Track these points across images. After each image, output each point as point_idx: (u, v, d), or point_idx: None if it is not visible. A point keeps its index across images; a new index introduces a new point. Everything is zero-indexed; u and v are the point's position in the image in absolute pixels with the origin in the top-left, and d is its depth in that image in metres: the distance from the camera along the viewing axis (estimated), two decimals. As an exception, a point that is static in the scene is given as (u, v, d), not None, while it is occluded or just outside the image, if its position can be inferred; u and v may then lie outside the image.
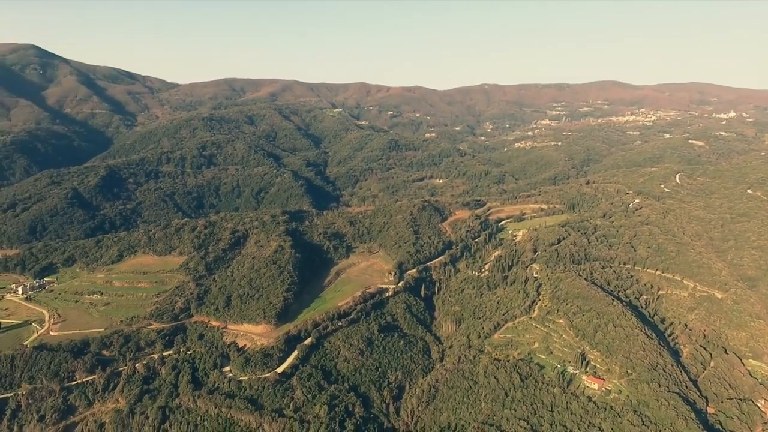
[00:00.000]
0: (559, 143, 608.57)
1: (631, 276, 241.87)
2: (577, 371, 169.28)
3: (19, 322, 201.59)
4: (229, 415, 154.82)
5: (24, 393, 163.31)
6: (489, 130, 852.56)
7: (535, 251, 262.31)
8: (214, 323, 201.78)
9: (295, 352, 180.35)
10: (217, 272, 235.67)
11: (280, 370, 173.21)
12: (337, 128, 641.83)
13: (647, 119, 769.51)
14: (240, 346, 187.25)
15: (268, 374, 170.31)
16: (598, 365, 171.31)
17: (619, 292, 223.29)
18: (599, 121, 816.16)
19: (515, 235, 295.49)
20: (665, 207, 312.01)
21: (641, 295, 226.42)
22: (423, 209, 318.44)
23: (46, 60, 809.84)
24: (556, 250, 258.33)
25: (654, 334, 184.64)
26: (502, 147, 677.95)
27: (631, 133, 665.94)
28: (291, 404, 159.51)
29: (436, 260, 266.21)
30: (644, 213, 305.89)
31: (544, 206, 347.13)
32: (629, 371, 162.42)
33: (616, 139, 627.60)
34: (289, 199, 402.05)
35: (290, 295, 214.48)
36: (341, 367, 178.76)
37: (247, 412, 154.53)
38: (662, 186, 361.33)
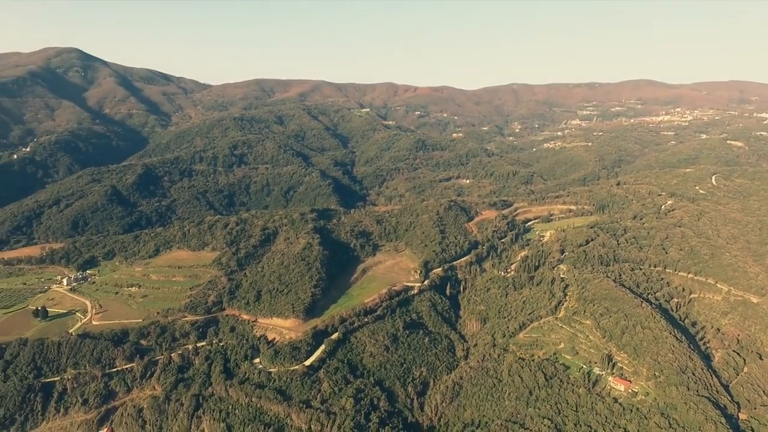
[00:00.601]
0: (590, 144, 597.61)
1: (662, 279, 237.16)
2: (603, 372, 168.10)
3: (65, 311, 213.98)
4: (258, 405, 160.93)
5: (69, 377, 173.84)
6: (517, 131, 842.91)
7: (562, 252, 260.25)
8: (245, 317, 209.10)
9: (323, 346, 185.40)
10: (247, 268, 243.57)
11: (308, 363, 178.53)
12: (365, 128, 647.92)
13: (683, 119, 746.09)
14: (269, 339, 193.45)
15: (297, 367, 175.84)
16: (624, 367, 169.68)
17: (648, 294, 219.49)
18: (632, 121, 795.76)
19: (542, 236, 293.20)
20: (699, 209, 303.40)
21: (672, 299, 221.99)
22: (449, 209, 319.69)
23: (87, 63, 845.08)
24: (584, 251, 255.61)
25: (684, 338, 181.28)
26: (531, 147, 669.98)
27: (666, 133, 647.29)
28: (318, 396, 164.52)
29: (462, 260, 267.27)
30: (677, 215, 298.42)
31: (573, 207, 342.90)
32: (657, 374, 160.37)
33: (649, 140, 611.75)
34: (317, 198, 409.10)
35: (318, 290, 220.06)
36: (367, 362, 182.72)
37: (276, 402, 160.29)
38: (697, 187, 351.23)
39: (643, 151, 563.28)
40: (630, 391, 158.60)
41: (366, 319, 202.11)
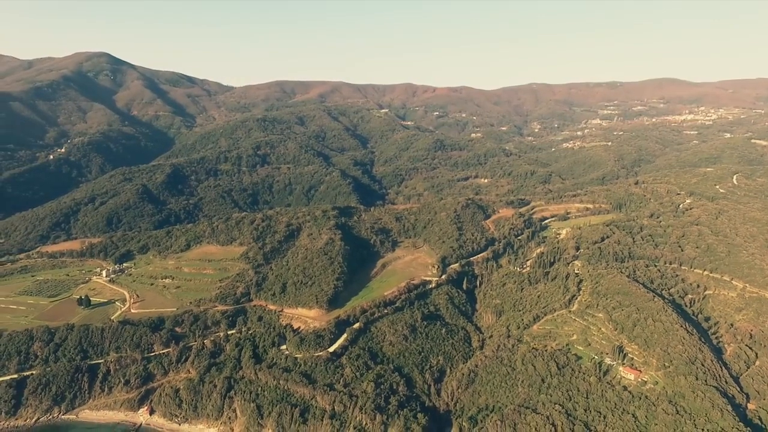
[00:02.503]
0: (609, 143, 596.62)
1: (677, 275, 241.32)
2: (614, 362, 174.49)
3: (105, 300, 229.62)
4: (286, 387, 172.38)
5: (112, 360, 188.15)
6: (537, 130, 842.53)
7: (577, 249, 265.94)
8: (272, 307, 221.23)
9: (345, 335, 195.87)
10: (273, 261, 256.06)
11: (331, 349, 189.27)
12: (384, 128, 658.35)
13: (707, 118, 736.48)
14: (295, 327, 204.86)
15: (321, 353, 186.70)
16: (635, 357, 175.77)
17: (662, 290, 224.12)
18: (654, 120, 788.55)
19: (558, 234, 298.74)
20: (718, 208, 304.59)
21: (686, 295, 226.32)
22: (467, 207, 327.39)
23: (116, 66, 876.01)
24: (599, 248, 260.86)
25: (695, 331, 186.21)
26: (550, 147, 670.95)
27: (688, 132, 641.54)
28: (341, 380, 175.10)
29: (479, 256, 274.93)
30: (695, 213, 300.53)
31: (590, 206, 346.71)
32: (666, 364, 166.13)
33: (670, 139, 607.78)
34: (337, 197, 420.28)
35: (340, 283, 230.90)
36: (386, 350, 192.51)
37: (301, 385, 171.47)
38: (717, 187, 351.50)
39: (664, 150, 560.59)
40: (640, 380, 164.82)
41: (386, 311, 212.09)
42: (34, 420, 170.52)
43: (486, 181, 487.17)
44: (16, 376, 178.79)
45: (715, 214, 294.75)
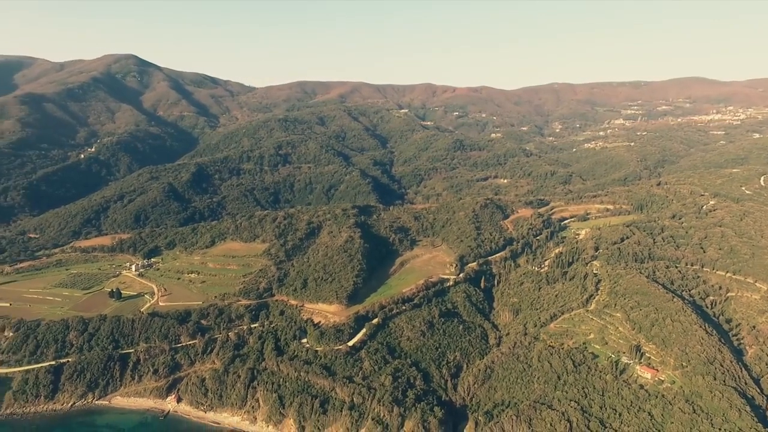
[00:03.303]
0: (632, 144, 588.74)
1: (698, 277, 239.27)
2: (631, 361, 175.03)
3: (135, 293, 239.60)
4: (306, 379, 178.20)
5: (142, 350, 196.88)
6: (558, 131, 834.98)
7: (596, 249, 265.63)
8: (293, 302, 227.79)
9: (364, 330, 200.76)
10: (294, 258, 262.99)
11: (350, 343, 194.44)
12: (403, 128, 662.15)
13: (735, 118, 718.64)
14: (315, 322, 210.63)
15: (340, 347, 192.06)
16: (652, 357, 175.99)
17: (682, 291, 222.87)
18: (679, 120, 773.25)
19: (578, 234, 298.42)
20: (743, 209, 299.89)
21: (707, 296, 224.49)
22: (485, 206, 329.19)
23: (143, 68, 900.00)
24: (619, 248, 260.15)
25: (715, 332, 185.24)
26: (571, 147, 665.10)
27: (715, 132, 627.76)
28: (360, 373, 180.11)
29: (497, 255, 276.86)
30: (718, 215, 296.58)
31: (610, 206, 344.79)
32: (684, 363, 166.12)
33: (696, 140, 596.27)
34: (357, 196, 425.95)
35: (359, 280, 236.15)
36: (404, 345, 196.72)
37: (322, 377, 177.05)
38: (743, 188, 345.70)
39: (688, 151, 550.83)
40: (656, 379, 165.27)
41: (404, 307, 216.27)
42: (70, 404, 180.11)
43: (505, 181, 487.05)
44: (53, 362, 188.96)
45: (739, 215, 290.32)
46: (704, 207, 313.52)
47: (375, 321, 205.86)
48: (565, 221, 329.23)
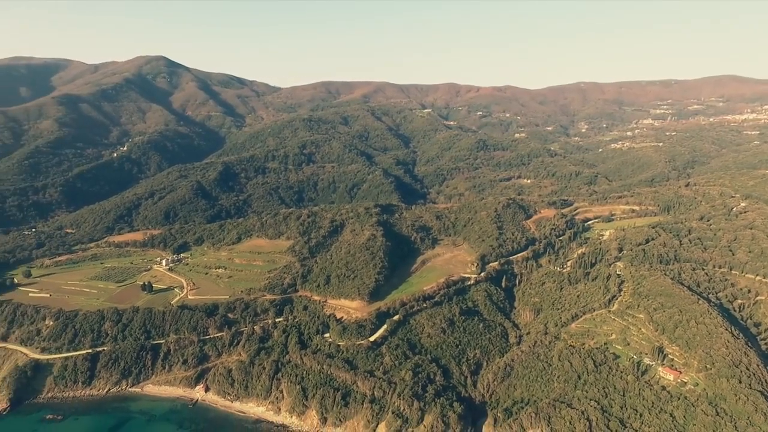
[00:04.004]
0: (660, 144, 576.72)
1: (726, 279, 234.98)
2: (653, 363, 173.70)
3: (166, 287, 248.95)
4: (329, 372, 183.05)
5: (172, 341, 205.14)
6: (584, 131, 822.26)
7: (620, 250, 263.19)
8: (316, 297, 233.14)
9: (385, 326, 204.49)
10: (318, 255, 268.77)
11: (372, 339, 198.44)
12: (426, 128, 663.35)
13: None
14: (338, 317, 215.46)
15: (362, 341, 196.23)
16: (675, 359, 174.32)
17: (709, 294, 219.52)
18: (711, 120, 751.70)
19: (601, 235, 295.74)
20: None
21: (735, 299, 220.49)
22: (507, 206, 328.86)
23: (173, 69, 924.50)
24: (643, 249, 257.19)
25: (742, 336, 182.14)
26: (597, 148, 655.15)
27: (749, 132, 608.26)
28: (381, 367, 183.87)
29: (519, 255, 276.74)
30: (749, 217, 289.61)
31: (636, 207, 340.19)
32: (708, 366, 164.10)
33: (728, 140, 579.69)
34: (379, 195, 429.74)
35: (381, 277, 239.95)
36: (425, 342, 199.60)
37: (344, 371, 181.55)
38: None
39: (720, 151, 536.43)
40: (679, 380, 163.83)
41: (425, 304, 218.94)
42: (105, 390, 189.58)
43: (529, 181, 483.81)
44: (90, 351, 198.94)
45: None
46: (734, 209, 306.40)
47: (396, 317, 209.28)
48: (589, 222, 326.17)
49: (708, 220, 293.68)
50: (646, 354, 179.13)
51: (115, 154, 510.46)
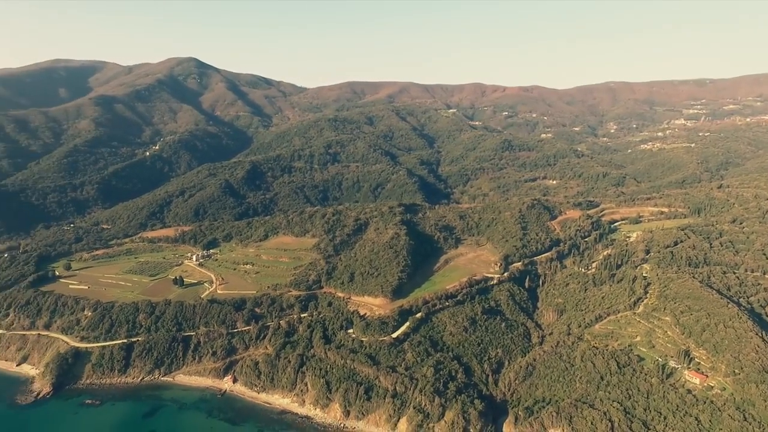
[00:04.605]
0: (693, 145, 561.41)
1: (758, 284, 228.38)
2: (679, 366, 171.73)
3: (196, 281, 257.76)
4: (352, 366, 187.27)
5: (202, 333, 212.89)
6: (612, 131, 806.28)
7: (647, 252, 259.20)
8: (340, 294, 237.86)
9: (408, 323, 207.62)
10: (342, 253, 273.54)
11: (394, 335, 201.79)
12: (451, 128, 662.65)
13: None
14: (361, 314, 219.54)
15: (385, 338, 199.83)
16: (702, 362, 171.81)
17: (740, 298, 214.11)
18: (748, 120, 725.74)
19: (628, 236, 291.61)
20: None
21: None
22: (532, 207, 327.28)
23: (203, 70, 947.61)
24: (671, 252, 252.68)
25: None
26: (626, 149, 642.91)
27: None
28: (403, 363, 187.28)
29: (543, 256, 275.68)
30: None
31: (665, 209, 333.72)
32: (736, 371, 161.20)
33: (766, 141, 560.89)
34: (403, 195, 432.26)
35: (404, 275, 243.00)
36: (447, 340, 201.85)
37: (366, 366, 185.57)
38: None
39: (756, 152, 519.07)
40: (705, 385, 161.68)
41: (447, 303, 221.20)
42: (139, 379, 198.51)
43: (554, 182, 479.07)
44: (125, 340, 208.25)
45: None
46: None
47: (418, 315, 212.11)
48: (616, 224, 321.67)
49: (741, 223, 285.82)
50: (672, 357, 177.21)
51: (147, 153, 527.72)
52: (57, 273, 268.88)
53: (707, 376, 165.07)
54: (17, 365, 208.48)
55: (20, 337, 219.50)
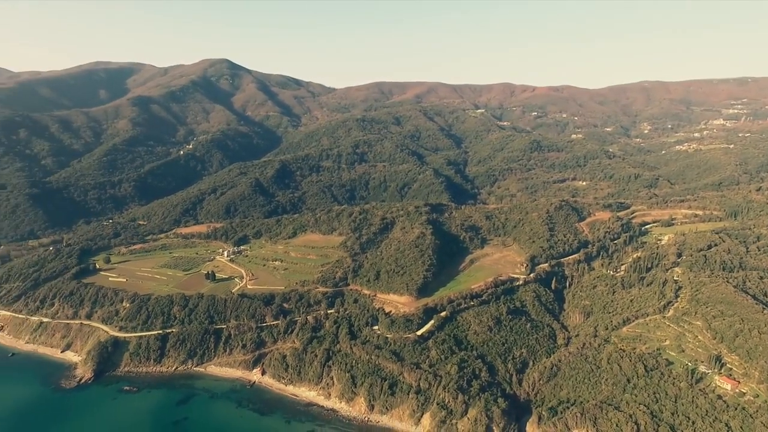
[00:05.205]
0: (731, 146, 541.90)
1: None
2: (710, 371, 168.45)
3: (227, 276, 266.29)
4: (377, 362, 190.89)
5: (233, 326, 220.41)
6: (646, 132, 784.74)
7: (679, 255, 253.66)
8: (366, 291, 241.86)
9: (432, 321, 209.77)
10: (368, 251, 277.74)
11: (419, 333, 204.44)
12: (479, 129, 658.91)
13: None
14: (386, 311, 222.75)
15: (409, 335, 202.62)
16: (734, 368, 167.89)
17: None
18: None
19: (659, 239, 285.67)
20: None
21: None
22: (560, 208, 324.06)
23: (235, 71, 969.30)
24: (705, 255, 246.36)
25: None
26: (660, 150, 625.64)
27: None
28: (427, 360, 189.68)
29: (570, 257, 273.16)
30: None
31: (699, 212, 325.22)
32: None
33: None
34: (429, 195, 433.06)
35: (429, 274, 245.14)
36: (471, 338, 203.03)
37: (391, 362, 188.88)
38: None
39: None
40: (737, 391, 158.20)
41: (472, 302, 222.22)
42: (173, 368, 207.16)
43: (584, 183, 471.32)
44: (161, 331, 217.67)
45: None
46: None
47: (443, 313, 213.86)
48: (647, 226, 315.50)
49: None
50: (702, 362, 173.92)
51: (181, 152, 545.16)
52: (97, 266, 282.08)
53: (739, 382, 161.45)
54: (61, 352, 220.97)
55: (64, 325, 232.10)
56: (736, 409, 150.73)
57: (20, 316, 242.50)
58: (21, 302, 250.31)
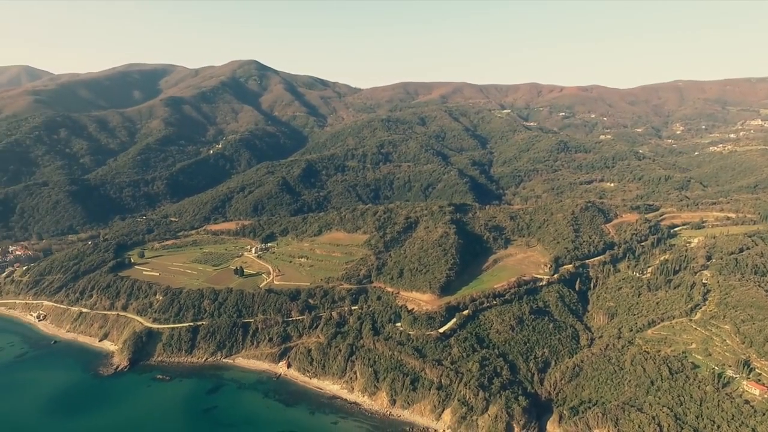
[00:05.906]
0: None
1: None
2: (737, 376, 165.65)
3: (254, 272, 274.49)
4: (399, 358, 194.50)
5: (260, 320, 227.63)
6: (678, 132, 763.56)
7: (708, 258, 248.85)
8: (389, 289, 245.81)
9: (454, 319, 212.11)
10: (392, 249, 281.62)
11: (441, 330, 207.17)
12: (504, 129, 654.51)
13: None
14: (409, 308, 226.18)
15: (432, 332, 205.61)
16: (763, 373, 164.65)
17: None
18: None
19: (689, 242, 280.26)
20: None
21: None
22: (586, 209, 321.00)
23: (263, 72, 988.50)
24: (735, 258, 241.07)
25: None
26: (693, 151, 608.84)
27: None
28: (448, 357, 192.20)
29: (595, 259, 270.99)
30: None
31: (732, 215, 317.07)
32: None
33: None
34: (453, 195, 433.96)
35: (452, 273, 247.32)
36: (493, 337, 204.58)
37: (413, 358, 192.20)
38: None
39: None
40: (766, 396, 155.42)
41: (494, 302, 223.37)
42: (203, 359, 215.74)
43: (612, 185, 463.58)
44: (192, 324, 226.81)
45: None
46: None
47: (465, 312, 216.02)
48: (676, 228, 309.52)
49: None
50: (730, 366, 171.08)
51: (211, 151, 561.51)
52: (132, 260, 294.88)
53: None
54: (99, 341, 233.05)
55: (102, 316, 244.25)
56: (764, 414, 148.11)
57: (62, 306, 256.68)
58: (62, 293, 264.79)
